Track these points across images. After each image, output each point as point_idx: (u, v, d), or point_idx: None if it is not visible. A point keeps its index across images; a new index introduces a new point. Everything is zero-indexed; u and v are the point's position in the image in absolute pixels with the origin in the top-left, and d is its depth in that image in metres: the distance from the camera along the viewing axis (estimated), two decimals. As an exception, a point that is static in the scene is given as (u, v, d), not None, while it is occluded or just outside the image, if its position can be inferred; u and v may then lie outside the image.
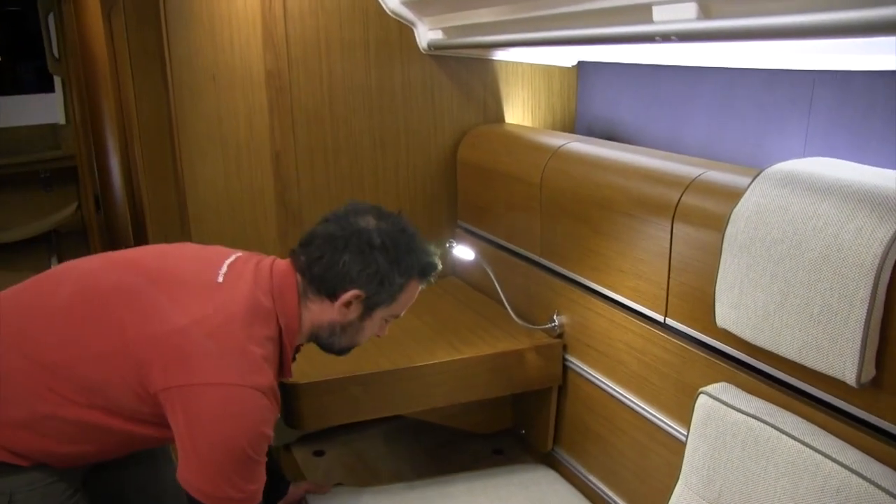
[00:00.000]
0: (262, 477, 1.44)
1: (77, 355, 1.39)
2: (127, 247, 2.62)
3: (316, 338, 1.58)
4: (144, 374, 1.37)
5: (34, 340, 1.41)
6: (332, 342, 1.58)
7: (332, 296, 1.49)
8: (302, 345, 1.62)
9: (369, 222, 1.51)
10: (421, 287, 1.61)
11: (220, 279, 1.47)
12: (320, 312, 1.52)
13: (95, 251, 3.53)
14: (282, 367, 1.52)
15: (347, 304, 1.50)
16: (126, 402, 1.39)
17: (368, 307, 1.53)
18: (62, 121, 5.12)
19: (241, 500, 1.39)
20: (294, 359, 1.60)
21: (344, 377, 1.88)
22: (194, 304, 1.42)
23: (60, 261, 4.70)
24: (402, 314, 1.61)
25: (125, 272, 1.49)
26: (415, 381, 1.95)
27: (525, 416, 2.28)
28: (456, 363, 1.98)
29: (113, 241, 3.82)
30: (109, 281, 1.47)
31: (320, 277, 1.49)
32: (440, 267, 1.62)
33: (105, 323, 1.41)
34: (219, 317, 1.41)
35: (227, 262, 1.52)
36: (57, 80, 4.96)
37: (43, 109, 5.30)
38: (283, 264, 1.54)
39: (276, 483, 1.84)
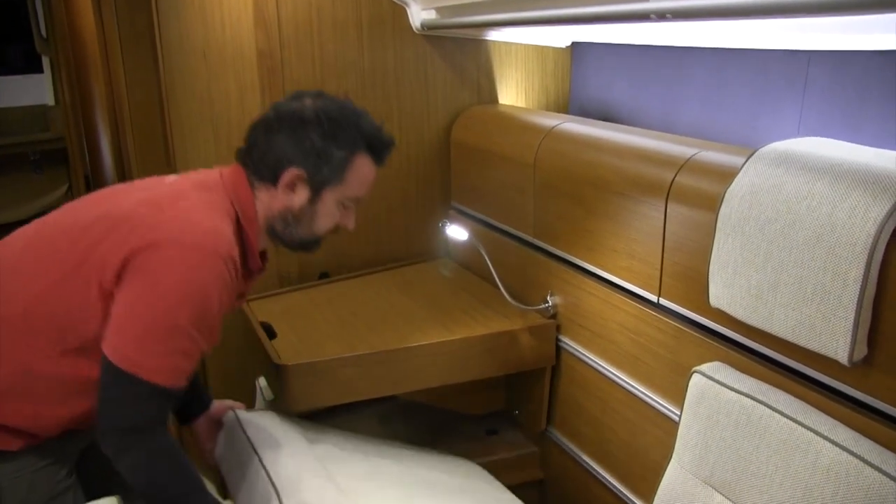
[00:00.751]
0: (193, 360, 1.39)
1: (37, 294, 1.37)
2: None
3: (274, 232, 1.53)
4: (102, 270, 1.34)
5: None
6: (290, 234, 1.53)
7: (275, 179, 1.47)
8: (266, 252, 1.58)
9: (305, 103, 1.49)
10: (376, 167, 1.55)
11: (168, 180, 1.50)
12: (270, 200, 1.49)
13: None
14: (245, 257, 1.47)
15: (291, 186, 1.47)
16: (94, 329, 1.36)
17: (314, 188, 1.48)
18: (51, 102, 5.08)
19: (168, 370, 1.34)
20: (263, 265, 1.56)
21: (336, 358, 1.88)
22: (143, 194, 1.43)
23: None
24: (362, 197, 1.56)
25: (70, 212, 1.48)
26: (408, 362, 1.95)
27: (518, 397, 2.29)
28: (449, 344, 1.98)
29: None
30: (57, 222, 1.46)
31: (259, 162, 1.47)
32: (393, 143, 1.57)
33: (56, 251, 1.39)
34: (171, 193, 1.42)
35: (174, 175, 1.55)
36: (45, 61, 4.92)
37: (31, 90, 5.25)
38: (230, 166, 1.53)
39: (199, 395, 1.81)
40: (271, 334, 2.05)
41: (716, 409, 1.43)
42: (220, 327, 1.44)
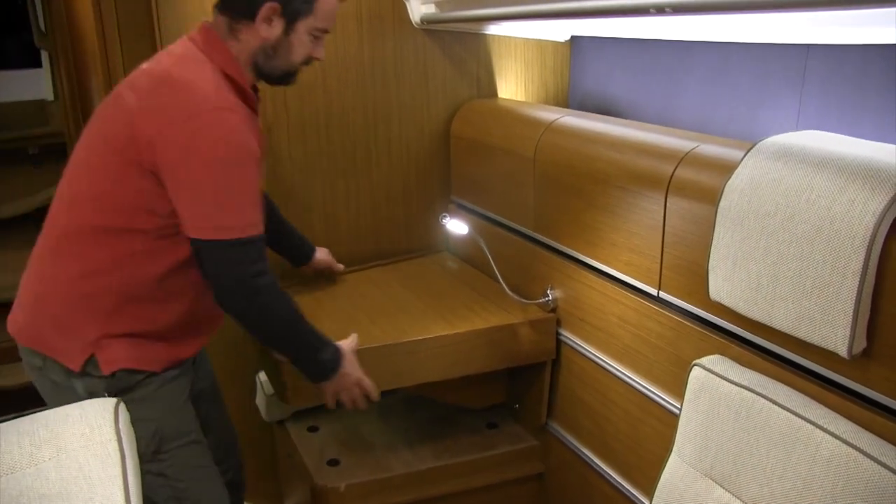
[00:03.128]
0: (259, 199, 1.60)
1: (97, 191, 1.60)
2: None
3: (257, 67, 1.68)
4: (138, 153, 1.53)
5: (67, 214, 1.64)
6: (271, 67, 1.69)
7: (252, 16, 1.61)
8: (256, 84, 1.74)
9: None
10: (339, 1, 1.70)
11: (144, 66, 1.65)
12: (250, 39, 1.64)
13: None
14: (244, 98, 1.64)
15: (268, 21, 1.62)
16: (151, 204, 1.56)
17: (289, 19, 1.63)
18: (50, 96, 5.06)
19: (252, 221, 1.56)
20: (257, 96, 1.72)
21: None
22: (133, 89, 1.60)
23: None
24: (329, 28, 1.71)
25: (92, 125, 1.68)
26: (408, 356, 1.95)
27: (519, 391, 2.29)
28: (450, 338, 1.99)
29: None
30: (85, 138, 1.68)
31: (233, 2, 1.63)
32: None
33: (97, 155, 1.62)
34: (152, 77, 1.59)
35: (147, 60, 1.68)
36: (44, 55, 4.90)
37: (30, 85, 5.23)
38: (197, 27, 1.68)
39: (301, 244, 2.23)
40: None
41: (716, 402, 1.43)
42: None
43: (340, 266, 2.36)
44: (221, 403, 2.02)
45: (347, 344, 1.81)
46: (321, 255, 2.30)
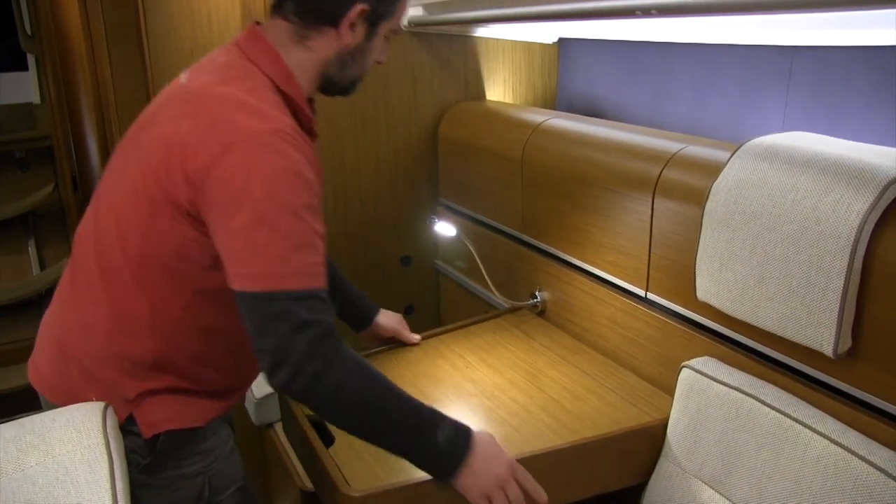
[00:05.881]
0: (320, 249, 1.26)
1: (142, 237, 1.32)
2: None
3: (328, 78, 1.45)
4: (174, 200, 1.27)
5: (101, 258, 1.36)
6: (343, 76, 1.46)
7: (335, 20, 1.38)
8: (312, 99, 1.48)
9: None
10: None
11: (183, 80, 1.38)
12: (325, 46, 1.40)
13: (74, 232, 3.50)
14: (298, 119, 1.38)
15: (352, 26, 1.39)
16: (198, 258, 1.31)
17: (372, 23, 1.42)
18: (37, 100, 5.03)
19: (303, 270, 1.22)
20: (313, 110, 1.47)
21: (425, 480, 1.35)
22: (174, 110, 1.34)
23: (38, 243, 4.65)
24: (401, 30, 1.54)
25: (121, 154, 1.42)
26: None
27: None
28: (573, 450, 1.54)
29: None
30: (114, 170, 1.41)
31: (317, 7, 1.38)
32: None
33: (134, 192, 1.33)
34: (193, 90, 1.33)
35: (186, 70, 1.42)
36: (30, 58, 4.87)
37: (16, 88, 5.20)
38: (245, 30, 1.43)
39: (358, 304, 1.82)
40: (327, 438, 1.56)
41: (705, 403, 1.44)
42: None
43: (415, 337, 1.91)
44: None
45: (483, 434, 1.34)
46: (386, 319, 1.87)
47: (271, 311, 1.19)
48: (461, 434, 1.29)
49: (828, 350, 1.22)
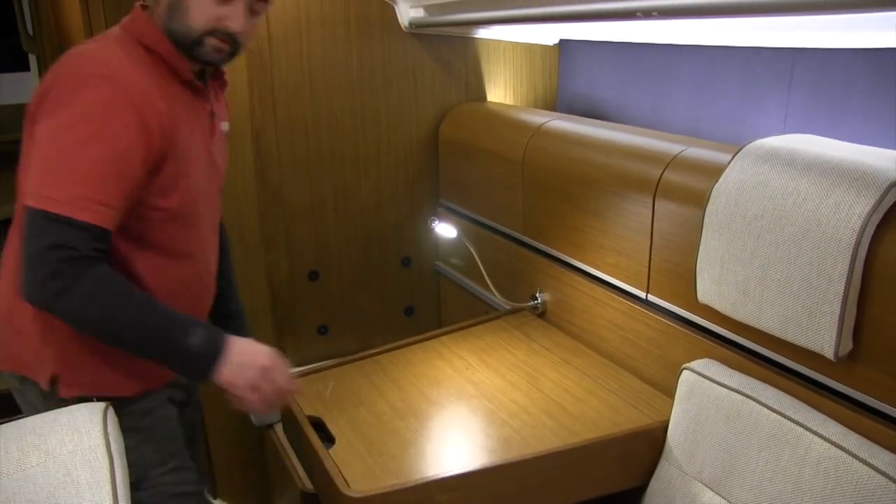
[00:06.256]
0: (106, 190, 1.28)
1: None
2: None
3: (169, 33, 1.40)
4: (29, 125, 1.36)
5: None
6: (178, 34, 1.40)
7: None
8: (220, 69, 1.54)
9: None
10: None
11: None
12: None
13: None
14: (177, 73, 1.42)
15: None
16: None
17: None
18: (37, 100, 5.03)
19: (72, 198, 1.24)
20: (223, 79, 1.56)
21: (430, 481, 1.40)
22: None
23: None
24: None
25: None
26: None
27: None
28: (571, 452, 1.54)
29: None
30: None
31: None
32: None
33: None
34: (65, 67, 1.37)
35: None
36: (32, 59, 4.88)
37: (18, 88, 5.21)
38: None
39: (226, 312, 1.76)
40: (327, 437, 1.58)
41: (706, 406, 1.44)
42: (179, 161, 1.40)
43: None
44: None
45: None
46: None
47: (42, 228, 1.25)
48: (214, 335, 1.34)
49: (829, 353, 1.22)
